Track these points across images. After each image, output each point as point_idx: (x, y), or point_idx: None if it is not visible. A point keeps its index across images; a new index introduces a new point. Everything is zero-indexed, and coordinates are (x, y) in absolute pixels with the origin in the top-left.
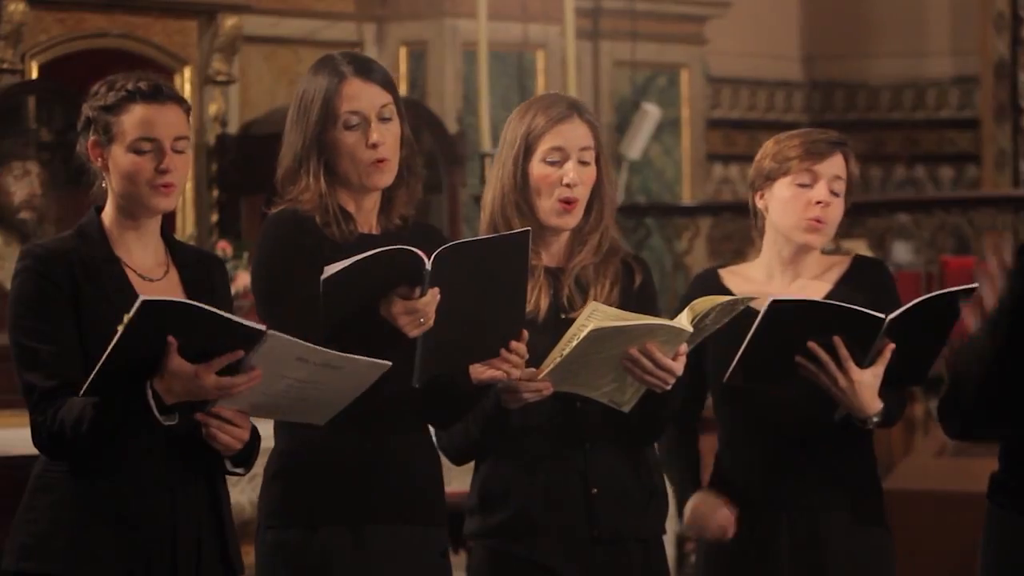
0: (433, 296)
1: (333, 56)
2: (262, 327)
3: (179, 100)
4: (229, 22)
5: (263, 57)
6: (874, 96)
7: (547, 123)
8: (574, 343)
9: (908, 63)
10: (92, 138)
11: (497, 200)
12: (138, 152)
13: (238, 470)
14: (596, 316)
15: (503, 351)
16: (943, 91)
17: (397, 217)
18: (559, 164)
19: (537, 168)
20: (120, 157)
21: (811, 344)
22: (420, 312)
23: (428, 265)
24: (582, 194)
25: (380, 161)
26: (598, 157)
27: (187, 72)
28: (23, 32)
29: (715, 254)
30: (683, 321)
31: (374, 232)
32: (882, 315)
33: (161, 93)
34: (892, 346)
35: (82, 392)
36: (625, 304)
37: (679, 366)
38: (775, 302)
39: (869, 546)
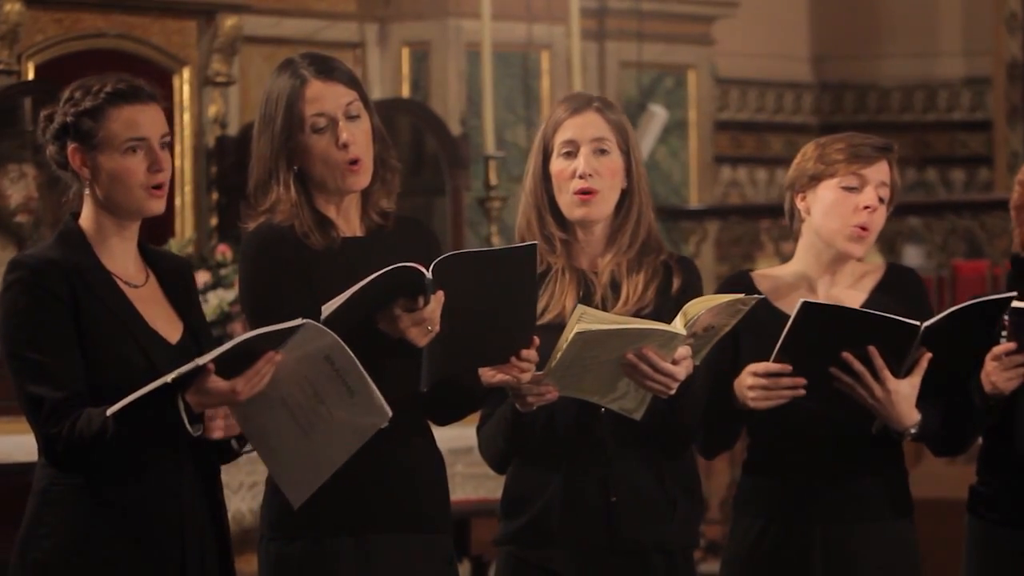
0: (437, 302)
1: (293, 59)
2: (299, 322)
3: (156, 97)
4: (229, 22)
5: (263, 58)
6: (884, 97)
7: (559, 119)
8: (564, 346)
9: (919, 64)
10: (72, 145)
11: (523, 203)
12: (128, 154)
13: (245, 448)
14: (585, 319)
15: (513, 358)
16: (955, 92)
17: (377, 214)
18: (572, 156)
19: (555, 165)
20: (109, 162)
21: (846, 355)
22: (427, 320)
23: (429, 274)
24: (601, 185)
25: (354, 163)
26: (627, 150)
27: (186, 73)
28: (19, 32)
29: (723, 258)
30: (676, 325)
31: (358, 234)
32: (917, 323)
33: (142, 92)
34: (929, 355)
35: (109, 412)
36: (661, 307)
37: (680, 370)
38: (806, 303)
39: (900, 561)
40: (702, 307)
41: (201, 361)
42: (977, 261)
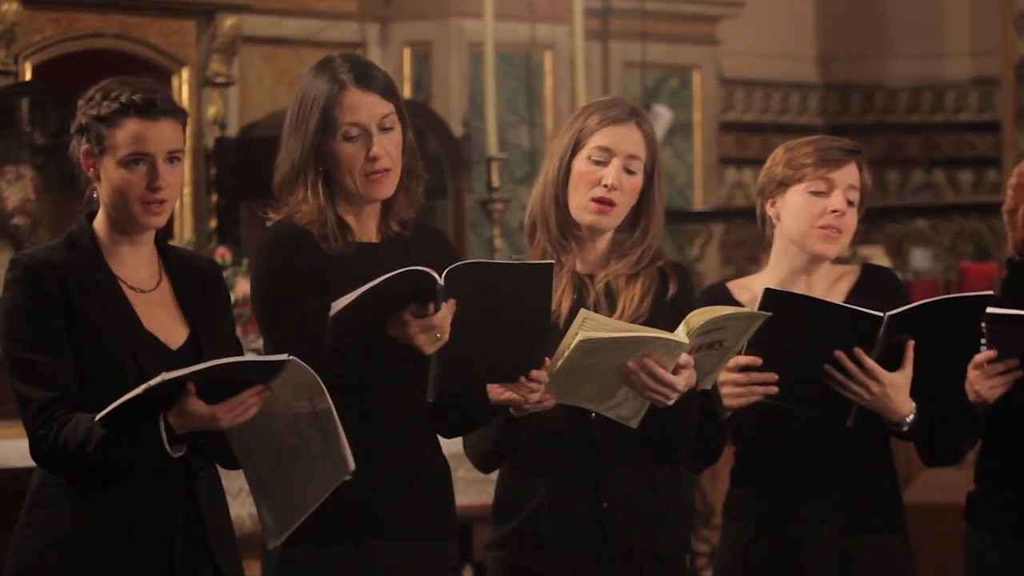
0: (448, 309)
1: (333, 60)
2: (283, 357)
3: (174, 112)
4: (228, 22)
5: (263, 58)
6: (891, 98)
7: (601, 122)
8: (566, 353)
9: (926, 64)
10: (85, 146)
11: (539, 193)
12: (129, 167)
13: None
14: (587, 325)
15: (522, 378)
16: (962, 93)
17: (396, 223)
18: (603, 164)
19: (580, 164)
20: (111, 171)
21: (838, 353)
22: (437, 328)
23: (441, 280)
24: (621, 200)
25: (381, 172)
26: (652, 172)
27: (185, 73)
28: (16, 32)
29: (729, 261)
30: (679, 334)
31: (373, 240)
32: (880, 314)
33: (155, 107)
34: (912, 342)
35: (96, 419)
36: (656, 314)
37: (680, 380)
38: (768, 290)
39: (894, 563)
40: (705, 317)
41: (169, 376)
42: (985, 264)
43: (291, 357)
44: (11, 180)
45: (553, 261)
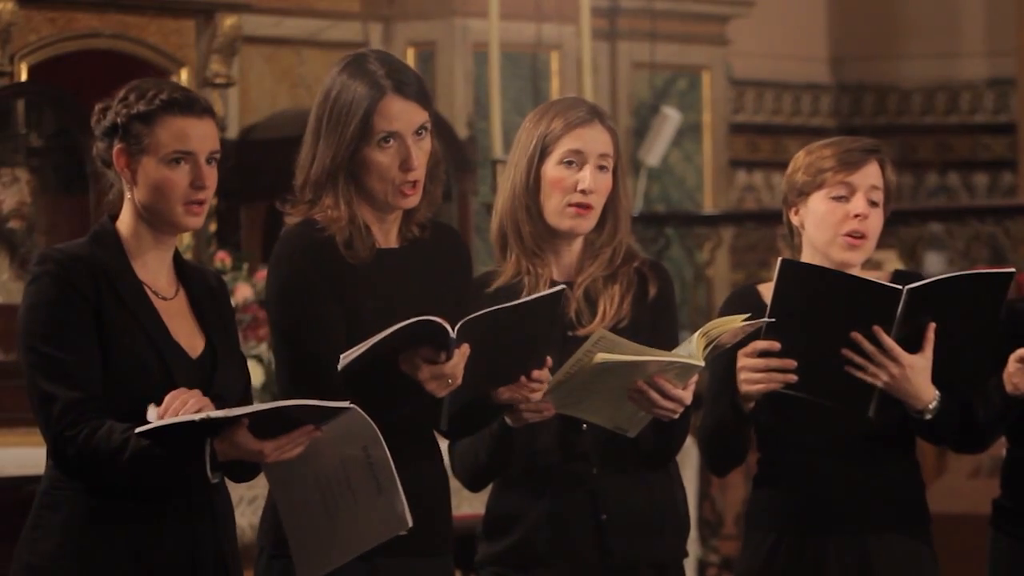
0: (461, 356)
1: (367, 61)
2: (345, 404)
3: (212, 112)
4: (228, 22)
5: (264, 58)
6: (905, 99)
7: (567, 126)
8: (577, 370)
9: (941, 65)
10: (119, 146)
11: (507, 203)
12: (172, 166)
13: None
14: (602, 345)
15: (523, 378)
16: (977, 94)
17: (415, 226)
18: (576, 167)
19: (552, 170)
20: (152, 170)
21: (855, 335)
22: (448, 375)
23: (453, 333)
24: (597, 202)
25: (410, 184)
26: (615, 167)
27: (184, 74)
28: (12, 32)
29: (738, 265)
30: (694, 350)
31: (392, 245)
32: (899, 287)
33: (198, 104)
34: (933, 325)
35: (136, 432)
36: (638, 316)
37: (688, 395)
38: (785, 261)
39: (919, 571)
40: (721, 330)
41: (234, 412)
42: (1000, 268)
43: (351, 405)
44: (7, 183)
45: (564, 286)
